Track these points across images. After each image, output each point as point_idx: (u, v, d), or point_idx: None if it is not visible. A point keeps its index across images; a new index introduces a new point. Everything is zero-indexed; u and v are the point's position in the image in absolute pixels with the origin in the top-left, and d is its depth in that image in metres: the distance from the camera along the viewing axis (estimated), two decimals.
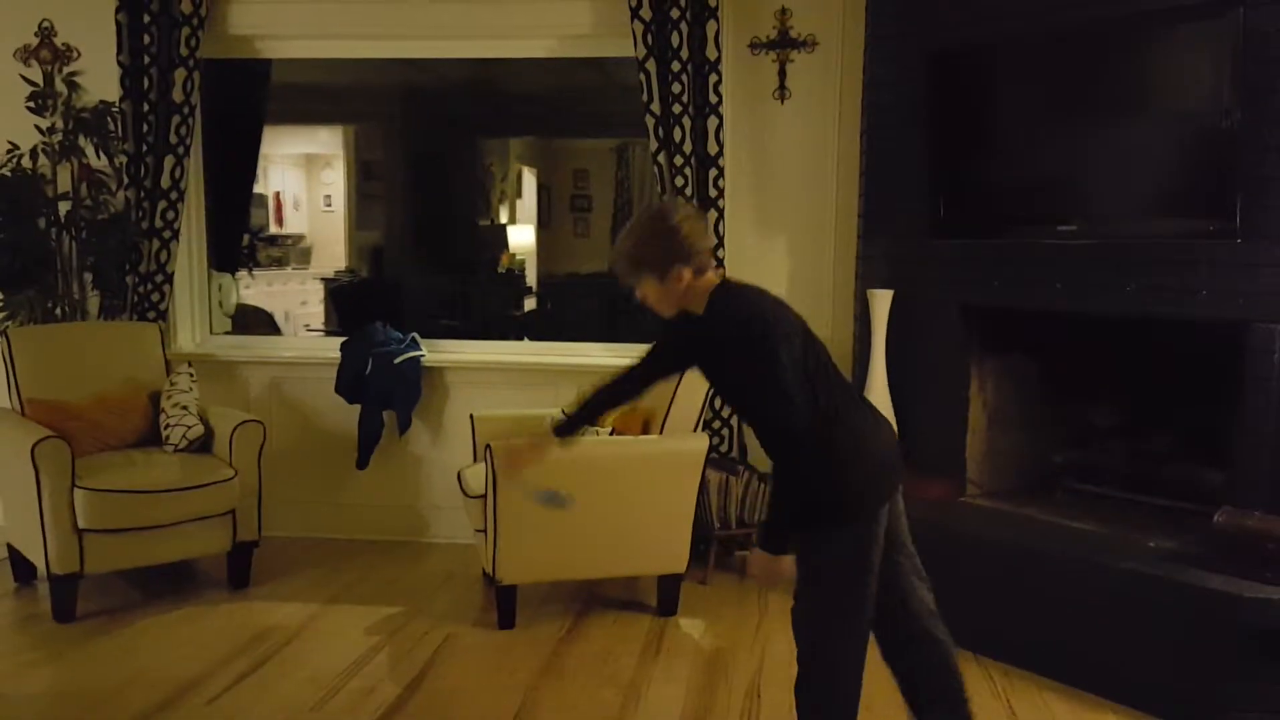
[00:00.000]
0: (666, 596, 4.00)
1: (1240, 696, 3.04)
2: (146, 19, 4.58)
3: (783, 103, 4.61)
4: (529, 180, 10.96)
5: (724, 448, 4.59)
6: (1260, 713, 3.03)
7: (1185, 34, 3.35)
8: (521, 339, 6.48)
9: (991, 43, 3.79)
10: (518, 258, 10.27)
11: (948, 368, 4.01)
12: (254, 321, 6.42)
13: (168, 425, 4.27)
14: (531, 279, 10.23)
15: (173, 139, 4.65)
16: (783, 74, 4.59)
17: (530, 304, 9.74)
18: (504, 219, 10.53)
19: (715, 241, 2.30)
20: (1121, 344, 3.65)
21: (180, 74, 4.63)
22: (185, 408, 4.30)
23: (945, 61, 3.85)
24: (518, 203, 10.83)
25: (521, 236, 10.32)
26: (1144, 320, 3.42)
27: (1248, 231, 3.12)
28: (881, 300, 4.11)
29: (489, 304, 8.92)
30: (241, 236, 6.08)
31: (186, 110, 4.67)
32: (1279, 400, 3.10)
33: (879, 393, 4.13)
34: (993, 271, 3.77)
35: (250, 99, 5.37)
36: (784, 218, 4.68)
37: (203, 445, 4.26)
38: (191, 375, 4.45)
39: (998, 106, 3.87)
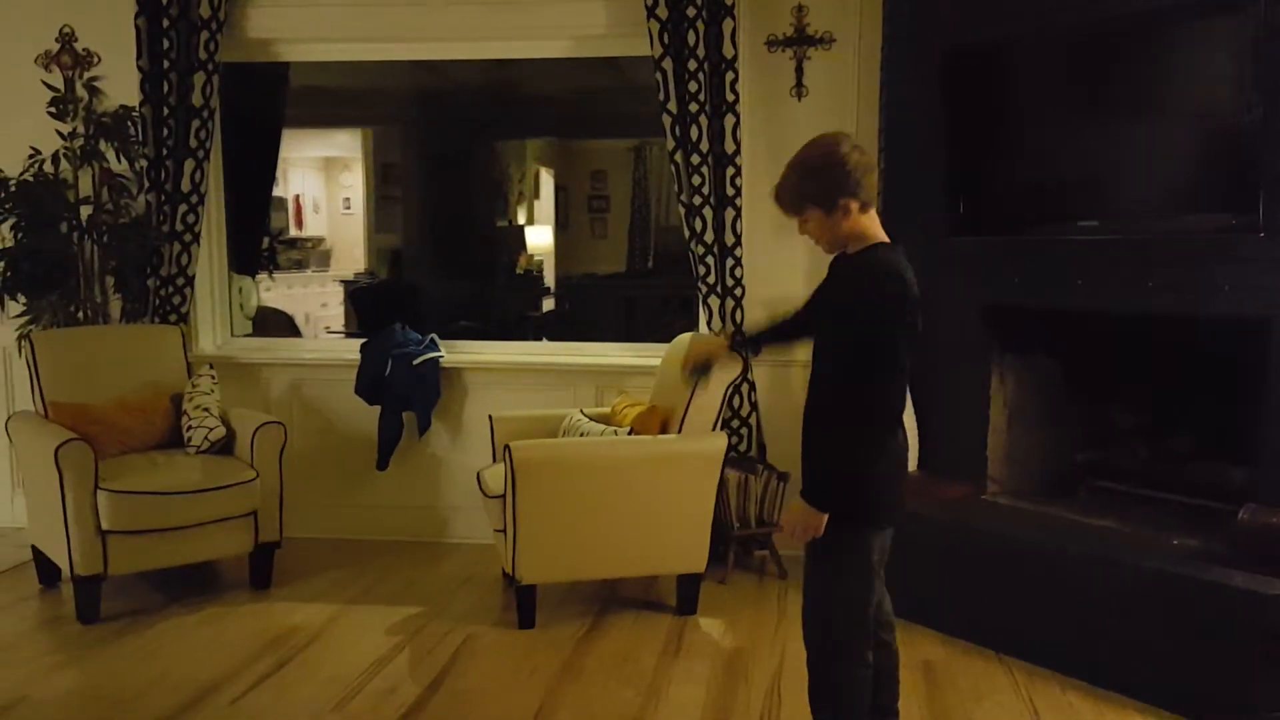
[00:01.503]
0: (686, 596, 3.99)
1: (1265, 696, 3.01)
2: (166, 24, 4.61)
3: (800, 100, 4.59)
4: (546, 181, 10.99)
5: (743, 447, 4.58)
6: None
7: (1204, 29, 3.33)
8: (540, 339, 6.50)
9: (1009, 40, 3.77)
10: (535, 259, 10.30)
11: (968, 367, 3.98)
12: (274, 324, 6.47)
13: (189, 427, 4.30)
14: (550, 280, 10.26)
15: (192, 143, 4.68)
16: (800, 71, 4.58)
17: (548, 305, 9.77)
18: (521, 220, 10.57)
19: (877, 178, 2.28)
20: (1143, 341, 3.62)
21: (199, 78, 4.66)
22: (207, 410, 4.33)
23: (963, 59, 3.83)
24: (535, 204, 10.86)
25: (539, 237, 10.35)
26: (1166, 317, 3.39)
27: (1270, 227, 3.08)
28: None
29: (507, 305, 8.96)
30: (261, 239, 6.13)
31: (206, 114, 4.70)
32: None
33: None
34: (1013, 270, 3.75)
35: (269, 102, 5.41)
36: None
37: (224, 447, 4.28)
38: (213, 377, 4.48)
39: (1016, 104, 3.85)
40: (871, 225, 2.42)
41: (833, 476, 2.39)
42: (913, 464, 4.14)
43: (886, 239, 2.43)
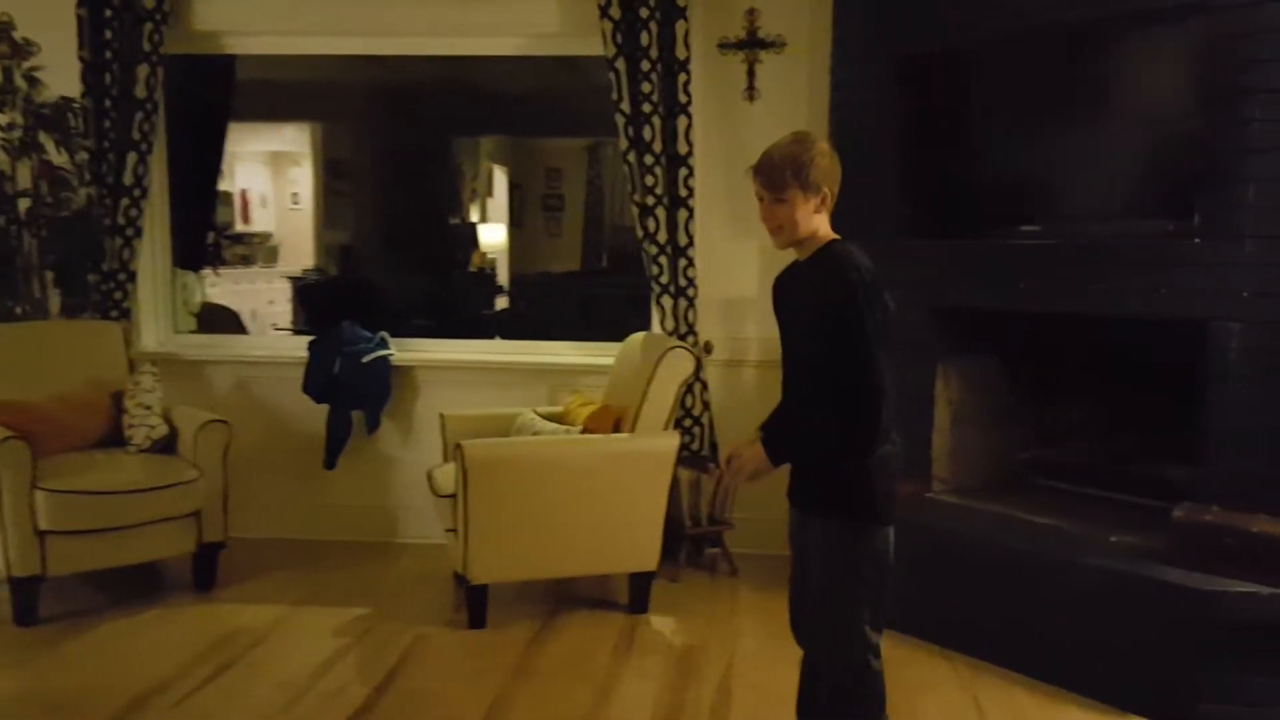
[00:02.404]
0: (638, 594, 4.00)
1: (1202, 688, 3.09)
2: (108, 14, 4.52)
3: (752, 102, 4.63)
4: (500, 179, 10.94)
5: (695, 445, 4.60)
6: (1221, 704, 3.08)
7: (1150, 39, 3.40)
8: (493, 338, 6.47)
9: (959, 46, 3.83)
10: (489, 256, 10.25)
11: (915, 367, 4.03)
12: (220, 320, 6.37)
13: (130, 425, 4.22)
14: (503, 278, 10.21)
15: (135, 135, 4.60)
16: (752, 74, 4.61)
17: (502, 303, 9.73)
18: (475, 218, 10.51)
19: None
20: (1087, 343, 3.70)
21: (143, 70, 4.57)
22: (149, 407, 4.26)
23: (913, 64, 3.88)
24: (489, 201, 10.81)
25: (493, 235, 10.31)
26: (1108, 320, 3.46)
27: (1208, 232, 3.17)
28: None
29: (460, 303, 8.90)
30: (206, 234, 6.03)
31: (149, 106, 4.62)
32: (1238, 397, 3.15)
33: None
34: (961, 272, 3.80)
35: (215, 95, 5.32)
36: (754, 218, 4.57)
37: (166, 446, 4.22)
38: (155, 375, 4.40)
39: (966, 110, 3.91)
40: (827, 225, 2.46)
41: (849, 475, 2.40)
42: None
43: (836, 236, 2.47)
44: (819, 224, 2.44)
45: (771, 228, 2.46)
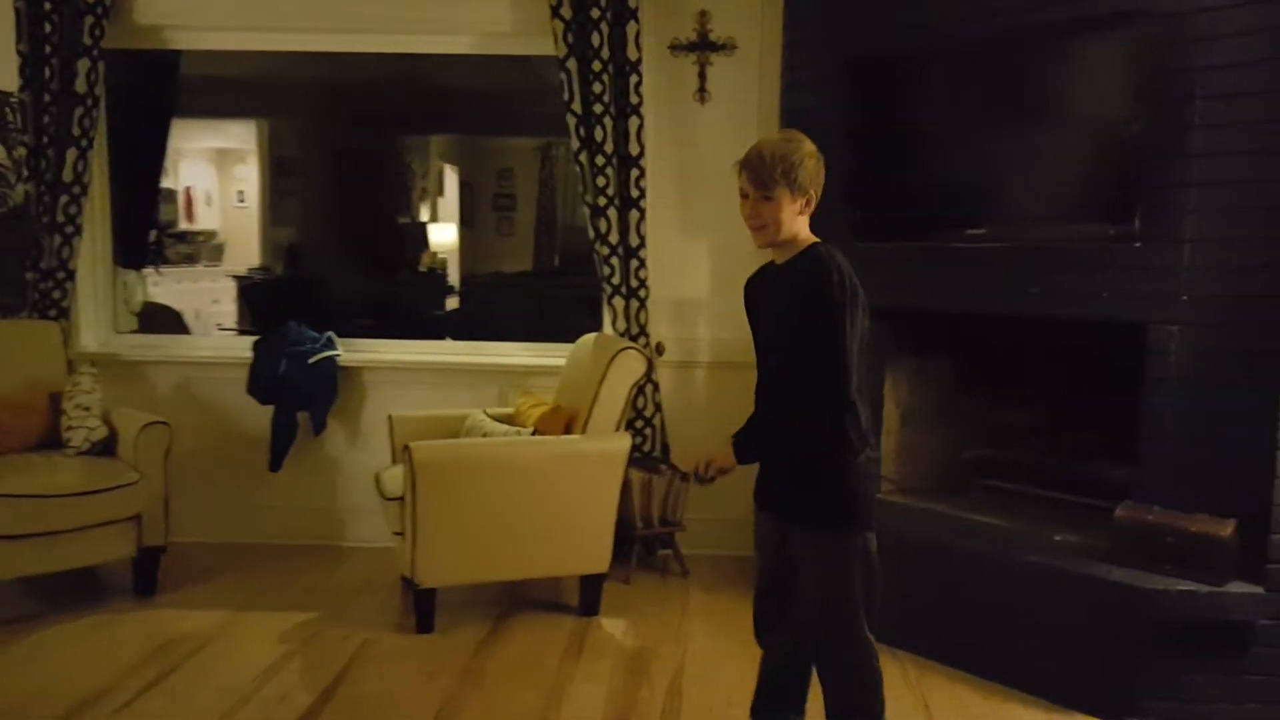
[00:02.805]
0: (589, 597, 3.99)
1: (1142, 685, 3.15)
2: (48, 6, 4.42)
3: (703, 104, 4.64)
4: (451, 178, 10.87)
5: (646, 447, 4.60)
6: (1161, 699, 3.14)
7: (1092, 44, 3.46)
8: (444, 338, 6.42)
9: (907, 51, 3.86)
10: (439, 256, 10.17)
11: (864, 368, 4.07)
12: (162, 320, 6.25)
13: (69, 427, 4.13)
14: (454, 278, 10.14)
15: (75, 131, 4.49)
16: (703, 76, 4.62)
17: (453, 303, 9.66)
18: (425, 217, 10.43)
19: None
20: (1031, 345, 3.75)
21: (84, 64, 4.47)
22: (87, 409, 4.17)
23: (862, 69, 3.92)
24: (439, 201, 10.73)
25: (443, 235, 10.23)
26: (1051, 321, 3.52)
27: (1146, 236, 3.23)
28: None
29: (410, 303, 8.82)
30: (148, 232, 5.91)
31: (90, 101, 4.52)
32: (1177, 399, 3.22)
33: None
34: (908, 275, 3.84)
35: (159, 91, 5.22)
36: (706, 219, 4.70)
37: (106, 448, 4.14)
38: (94, 375, 4.32)
39: (915, 114, 3.95)
40: (806, 227, 2.46)
41: (833, 484, 2.41)
42: None
43: (816, 239, 2.46)
44: (800, 226, 2.42)
45: (755, 226, 2.43)
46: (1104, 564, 3.24)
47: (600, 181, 4.44)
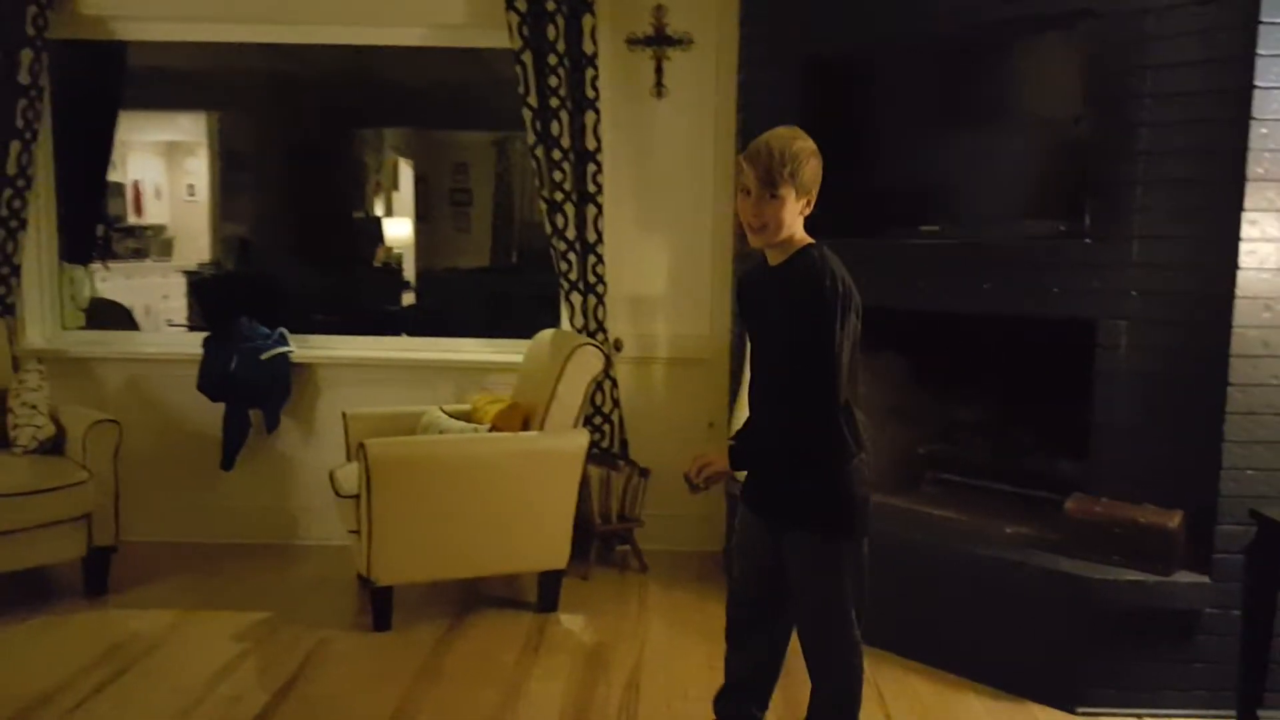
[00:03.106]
0: (547, 593, 3.98)
1: (1092, 673, 3.22)
2: None
3: (660, 99, 4.64)
4: (406, 172, 10.77)
5: (605, 443, 4.60)
6: (1111, 687, 3.21)
7: (1042, 43, 3.50)
8: (399, 334, 6.37)
9: (861, 49, 3.89)
10: (395, 251, 10.08)
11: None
12: (110, 316, 6.14)
13: (15, 426, 4.05)
14: (410, 273, 10.06)
15: (18, 123, 4.40)
16: (660, 71, 4.62)
17: (408, 299, 9.58)
18: (380, 211, 10.33)
19: None
20: (984, 341, 3.80)
21: (26, 55, 4.38)
22: (34, 407, 4.09)
23: (817, 66, 3.94)
24: (394, 195, 10.63)
25: (398, 230, 10.14)
26: (1003, 318, 3.56)
27: (1096, 233, 3.29)
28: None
29: (364, 298, 8.74)
30: (96, 226, 5.80)
31: (34, 93, 4.42)
32: (1125, 393, 3.28)
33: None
34: (863, 272, 3.82)
35: (105, 83, 5.12)
36: (663, 214, 4.72)
37: (54, 447, 4.07)
38: (41, 373, 4.23)
39: (870, 111, 3.98)
40: (802, 228, 2.42)
41: (829, 491, 2.40)
42: None
43: (811, 240, 2.43)
44: (799, 227, 2.38)
45: (755, 225, 2.36)
46: (1054, 555, 3.30)
47: (557, 176, 4.43)
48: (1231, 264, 3.06)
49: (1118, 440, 3.31)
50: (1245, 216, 3.03)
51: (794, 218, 2.35)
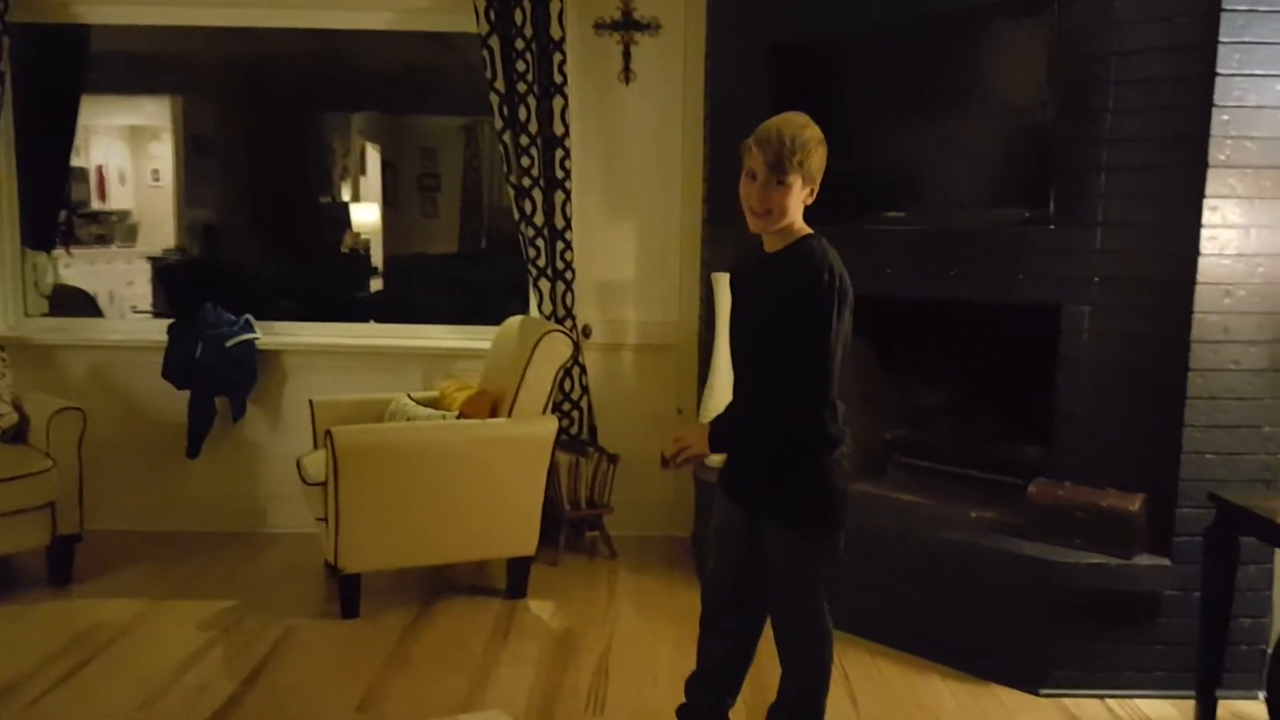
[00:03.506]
0: (516, 580, 3.99)
1: (1055, 654, 3.26)
2: None
3: (628, 85, 4.63)
4: (373, 157, 10.68)
5: (574, 430, 4.60)
6: (1073, 669, 3.25)
7: (1008, 29, 3.52)
8: (367, 321, 6.33)
9: (828, 34, 3.89)
10: (362, 237, 10.00)
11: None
12: (73, 303, 6.04)
13: None
14: (377, 259, 9.98)
15: None
16: (627, 56, 4.61)
17: (376, 285, 9.51)
18: (346, 197, 10.24)
19: None
20: (950, 327, 3.83)
21: None
22: None
23: (784, 52, 3.94)
24: (361, 180, 10.54)
25: (365, 215, 10.06)
26: (969, 304, 3.59)
27: (1060, 219, 3.32)
28: (725, 285, 4.16)
29: (331, 285, 8.67)
30: (58, 212, 5.71)
31: None
32: (1088, 378, 3.32)
33: (723, 375, 4.21)
34: None
35: (67, 66, 5.04)
36: (632, 200, 4.71)
37: (17, 435, 4.02)
38: (4, 360, 4.18)
39: (838, 97, 3.98)
40: (802, 217, 2.40)
41: (809, 482, 2.40)
42: None
43: (810, 230, 2.41)
44: (799, 215, 2.36)
45: (759, 210, 2.33)
46: (1018, 539, 3.34)
47: (525, 162, 4.41)
48: (1193, 250, 3.10)
49: (1080, 425, 3.36)
50: (1207, 203, 3.07)
51: (797, 205, 2.33)
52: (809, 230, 2.40)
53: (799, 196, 2.32)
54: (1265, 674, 2.99)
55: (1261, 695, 3.09)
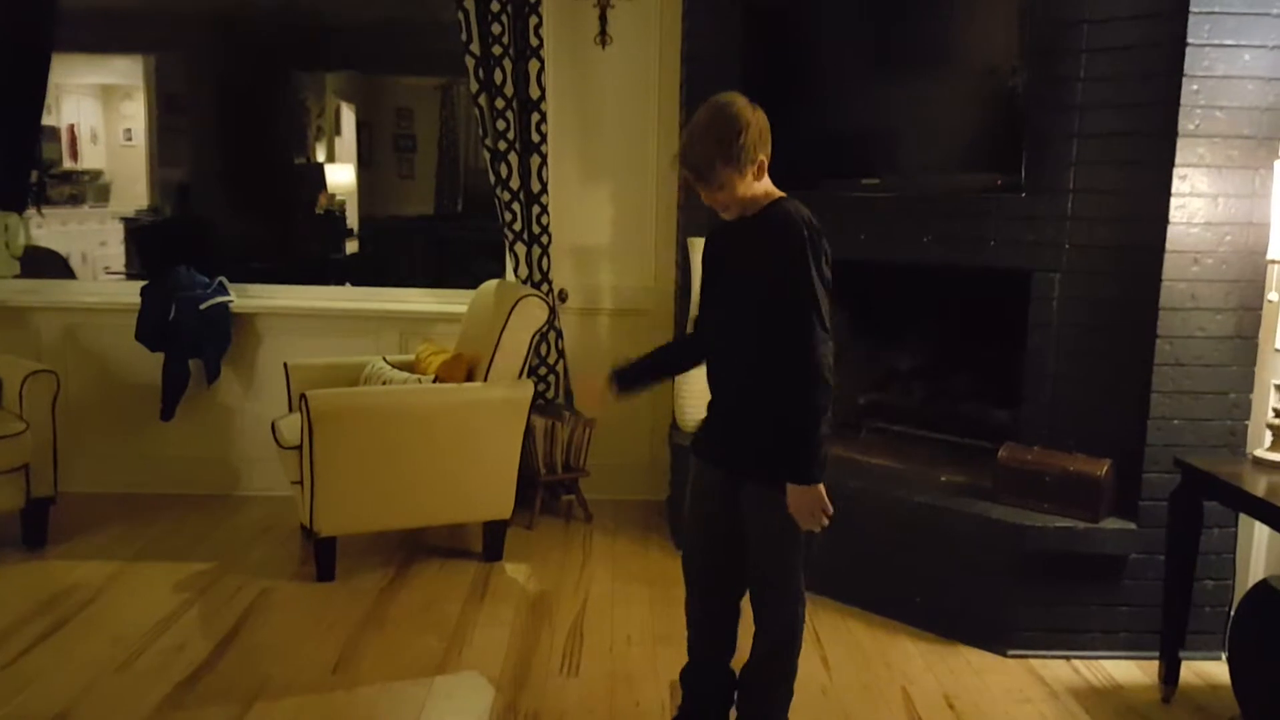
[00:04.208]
0: (492, 542, 4.01)
1: (1022, 616, 3.32)
2: None
3: (604, 48, 4.59)
4: (348, 117, 10.56)
5: (550, 394, 4.61)
6: (1040, 631, 3.32)
7: None
8: (342, 283, 6.30)
9: None
10: (337, 198, 9.91)
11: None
12: (46, 264, 6.00)
13: None
14: (353, 220, 9.91)
15: None
16: (603, 19, 4.57)
17: (351, 247, 9.45)
18: (321, 157, 10.14)
19: None
20: (923, 292, 3.85)
21: None
22: None
23: (759, 14, 3.91)
24: (336, 141, 10.43)
25: (341, 176, 9.96)
26: (941, 269, 3.61)
27: (1031, 186, 3.33)
28: (701, 248, 4.17)
29: (306, 246, 8.61)
30: (29, 172, 5.64)
31: None
32: (1057, 344, 3.36)
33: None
34: None
35: (36, 24, 4.95)
36: (608, 164, 4.69)
37: None
38: None
39: (810, 61, 3.97)
40: (768, 184, 2.41)
41: (808, 443, 2.37)
42: None
43: (781, 194, 2.43)
44: (759, 188, 2.38)
45: (716, 208, 2.42)
46: (987, 502, 3.39)
47: (500, 125, 4.38)
48: (1162, 218, 3.13)
49: (1050, 390, 3.40)
50: (1176, 172, 3.10)
51: (747, 187, 2.36)
52: (778, 195, 2.42)
53: (743, 183, 2.35)
54: (1227, 635, 3.07)
55: (1224, 656, 3.16)
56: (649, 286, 4.74)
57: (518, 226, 4.49)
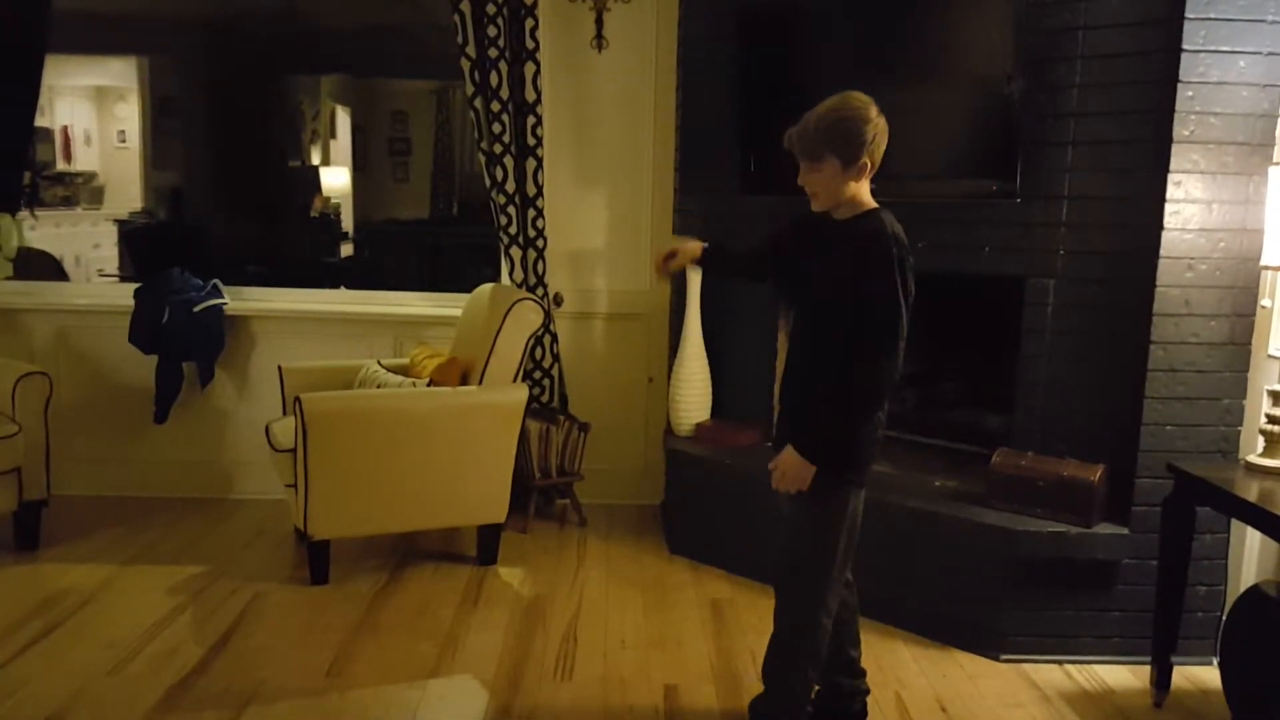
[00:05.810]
0: (486, 546, 4.01)
1: (1015, 621, 3.32)
2: None
3: (600, 52, 4.60)
4: (343, 120, 10.56)
5: (545, 398, 4.61)
6: (1033, 635, 3.32)
7: (975, 1, 3.52)
8: (337, 287, 6.30)
9: (796, 1, 3.87)
10: (332, 202, 9.91)
11: (756, 321, 4.14)
12: (39, 266, 5.98)
13: None
14: (348, 224, 9.90)
15: None
16: (600, 23, 4.57)
17: (346, 250, 9.44)
18: (316, 160, 10.13)
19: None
20: (918, 298, 3.85)
21: None
22: None
23: (754, 19, 3.91)
24: (331, 144, 10.42)
25: (336, 179, 9.96)
26: (936, 275, 3.60)
27: (1025, 192, 3.34)
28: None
29: (301, 250, 8.60)
30: (23, 174, 5.63)
31: None
32: (1051, 350, 3.36)
33: (693, 343, 4.24)
34: None
35: (29, 26, 4.94)
36: (603, 168, 4.69)
37: None
38: None
39: (806, 65, 3.97)
40: (866, 191, 2.44)
41: (831, 435, 2.42)
42: (707, 414, 4.30)
43: (876, 204, 2.45)
44: (857, 191, 2.42)
45: (809, 192, 2.45)
46: (980, 507, 3.39)
47: (496, 128, 4.38)
48: (1156, 224, 3.13)
49: (1043, 396, 3.40)
50: (1170, 178, 3.10)
51: (842, 184, 2.40)
52: (874, 205, 2.45)
53: (840, 177, 2.39)
54: (1219, 641, 3.08)
55: (1215, 661, 3.17)
56: (644, 291, 4.74)
57: (513, 230, 4.49)
